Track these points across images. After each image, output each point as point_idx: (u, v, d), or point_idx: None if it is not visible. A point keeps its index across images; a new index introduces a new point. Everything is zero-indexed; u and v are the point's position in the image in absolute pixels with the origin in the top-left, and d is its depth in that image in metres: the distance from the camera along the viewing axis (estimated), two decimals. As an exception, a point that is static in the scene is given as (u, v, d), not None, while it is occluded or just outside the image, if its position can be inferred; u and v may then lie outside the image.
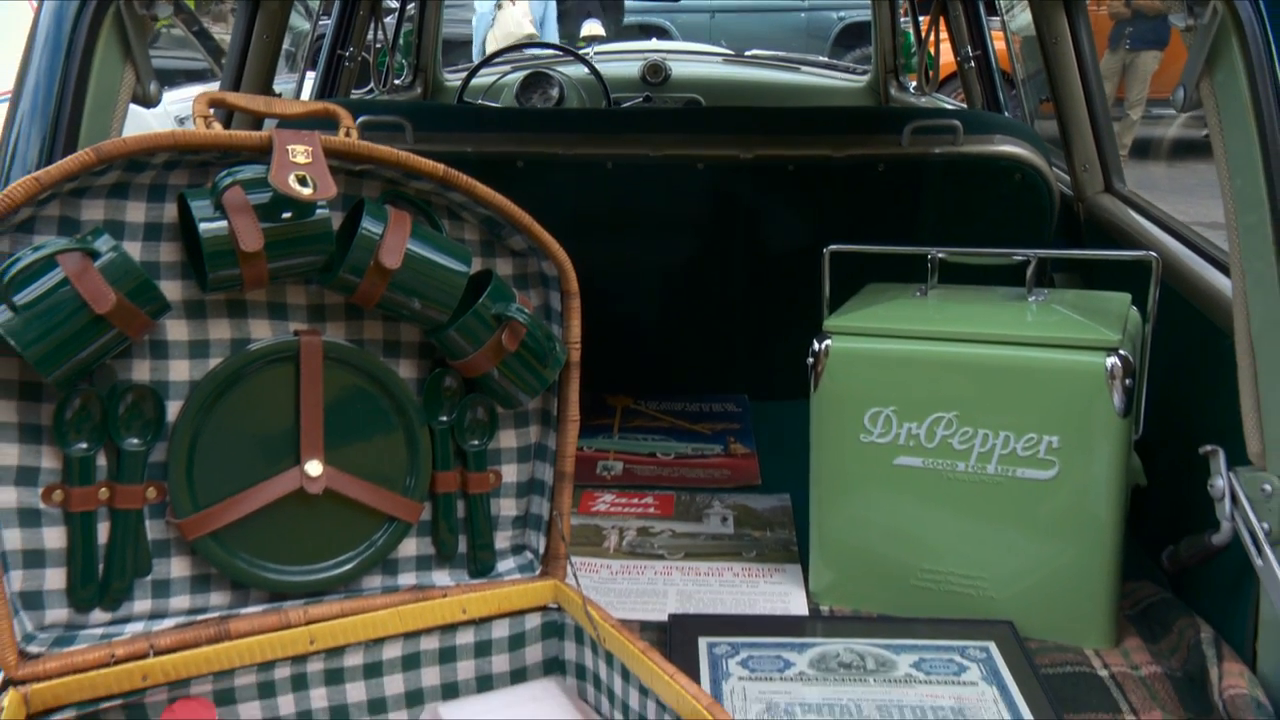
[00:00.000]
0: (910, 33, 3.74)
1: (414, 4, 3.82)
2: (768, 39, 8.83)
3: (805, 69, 4.35)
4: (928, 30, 3.39)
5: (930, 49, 3.47)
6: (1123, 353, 1.35)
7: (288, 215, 1.09)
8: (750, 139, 2.05)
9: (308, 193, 1.07)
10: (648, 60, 4.02)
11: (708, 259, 2.18)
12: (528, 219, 1.23)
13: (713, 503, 1.83)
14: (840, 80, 4.18)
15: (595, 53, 4.14)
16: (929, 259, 1.56)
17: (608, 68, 3.89)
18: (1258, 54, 1.16)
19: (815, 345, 1.48)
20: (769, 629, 1.43)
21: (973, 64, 3.04)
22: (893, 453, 1.45)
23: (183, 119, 4.96)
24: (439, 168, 1.18)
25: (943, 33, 3.28)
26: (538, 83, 3.87)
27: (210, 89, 1.18)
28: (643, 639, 1.15)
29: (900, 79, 3.83)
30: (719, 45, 5.26)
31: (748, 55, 4.50)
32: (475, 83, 3.86)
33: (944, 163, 2.04)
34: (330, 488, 1.20)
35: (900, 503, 1.46)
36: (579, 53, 4.01)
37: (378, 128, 1.99)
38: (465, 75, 3.89)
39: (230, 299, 1.17)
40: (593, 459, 1.99)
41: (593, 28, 6.68)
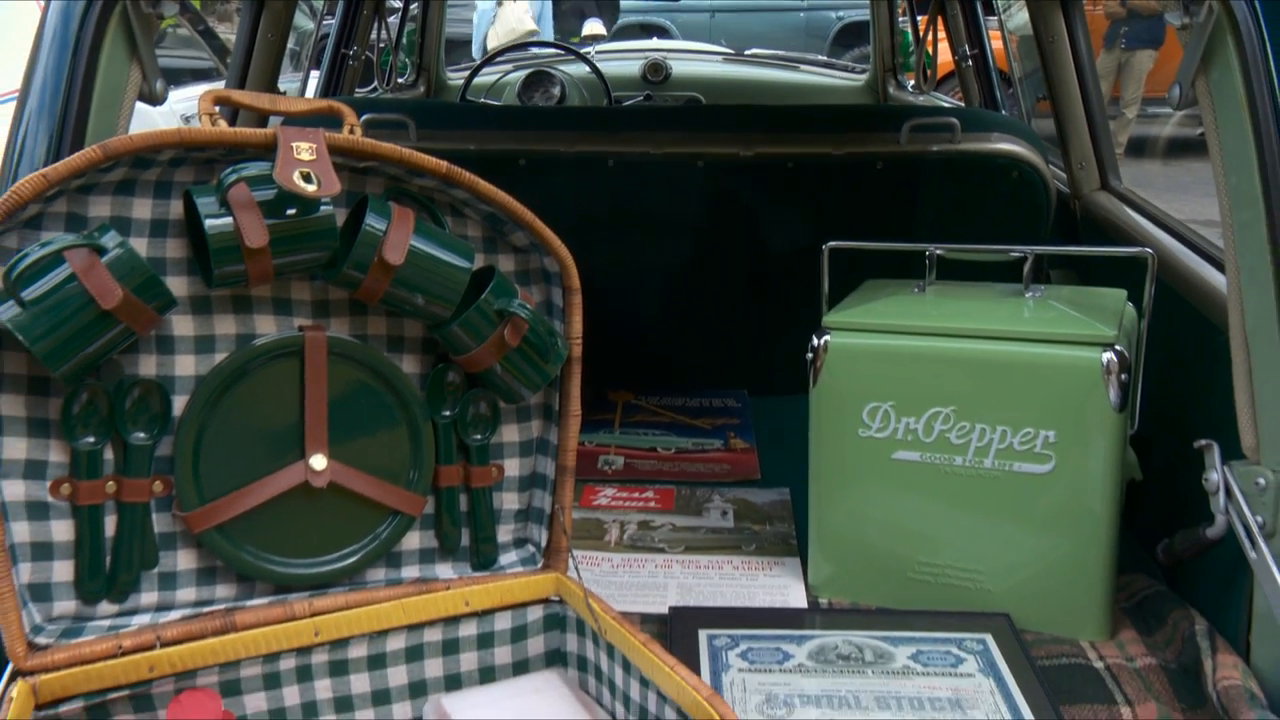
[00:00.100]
0: (908, 32, 3.74)
1: (417, 4, 3.83)
2: (767, 38, 8.84)
3: (804, 68, 4.35)
4: (926, 29, 3.40)
5: (928, 48, 3.48)
6: (1118, 348, 1.36)
7: (292, 211, 1.09)
8: (750, 137, 2.06)
9: (312, 189, 1.07)
10: (648, 59, 4.02)
11: (708, 255, 2.19)
12: (530, 215, 1.23)
13: (713, 497, 1.84)
14: (839, 79, 4.18)
15: (596, 52, 4.15)
16: (927, 255, 1.57)
17: (609, 67, 3.90)
18: (1252, 52, 1.17)
19: (814, 341, 1.49)
20: (768, 621, 1.44)
21: (970, 63, 3.04)
22: (891, 447, 1.47)
23: (188, 117, 4.96)
24: (442, 165, 1.19)
25: (940, 32, 3.28)
26: (539, 81, 3.88)
27: (216, 88, 1.18)
28: (643, 631, 1.16)
29: (898, 78, 3.84)
30: (719, 44, 5.27)
31: (747, 54, 4.50)
32: (478, 81, 3.87)
33: (942, 160, 2.05)
34: (334, 481, 1.21)
35: (898, 497, 1.48)
36: (581, 52, 4.02)
37: (381, 125, 2.00)
38: (468, 74, 3.90)
39: (235, 294, 1.17)
40: (594, 453, 2.00)
41: (594, 27, 6.67)
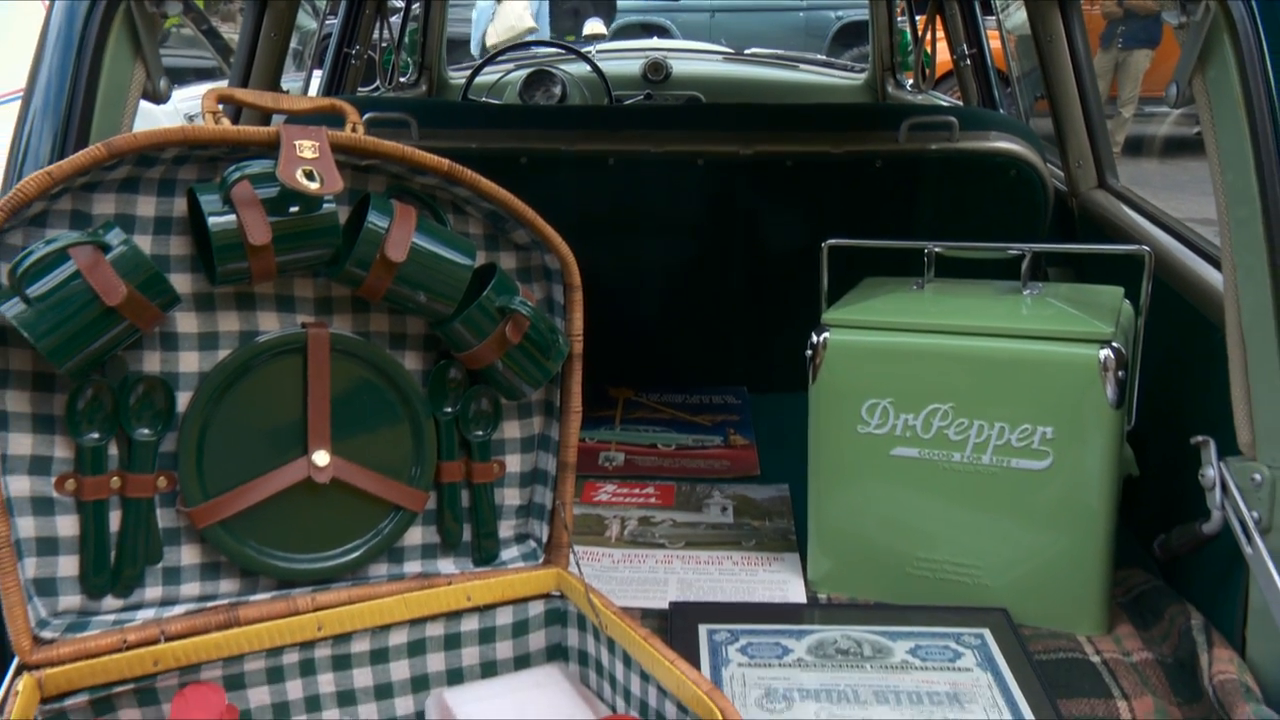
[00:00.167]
0: (907, 31, 3.75)
1: (419, 3, 3.84)
2: (767, 37, 8.84)
3: (804, 67, 4.36)
4: (924, 29, 3.40)
5: (927, 47, 3.48)
6: (1116, 345, 1.37)
7: (295, 209, 1.10)
8: (750, 135, 2.07)
9: (315, 187, 1.08)
10: (649, 58, 4.03)
11: (708, 253, 2.20)
12: (531, 213, 1.24)
13: (713, 493, 1.85)
14: (838, 78, 4.19)
15: (597, 51, 4.15)
16: (925, 253, 1.57)
17: (609, 66, 3.90)
18: (1249, 51, 1.18)
19: (814, 338, 1.49)
20: (768, 616, 1.45)
21: (968, 62, 3.05)
22: (890, 443, 1.47)
23: (192, 116, 4.98)
24: (444, 163, 1.19)
25: (939, 31, 3.29)
26: (541, 80, 3.88)
27: (219, 86, 1.19)
28: (644, 626, 1.17)
29: (897, 77, 3.85)
30: (719, 44, 5.28)
31: (747, 53, 4.51)
32: (479, 80, 3.87)
33: (940, 159, 2.05)
34: (337, 477, 1.22)
35: (897, 493, 1.48)
36: (582, 51, 4.02)
37: (383, 124, 2.00)
38: (470, 73, 3.91)
39: (239, 292, 1.18)
40: (595, 450, 2.01)
41: (595, 26, 6.67)
